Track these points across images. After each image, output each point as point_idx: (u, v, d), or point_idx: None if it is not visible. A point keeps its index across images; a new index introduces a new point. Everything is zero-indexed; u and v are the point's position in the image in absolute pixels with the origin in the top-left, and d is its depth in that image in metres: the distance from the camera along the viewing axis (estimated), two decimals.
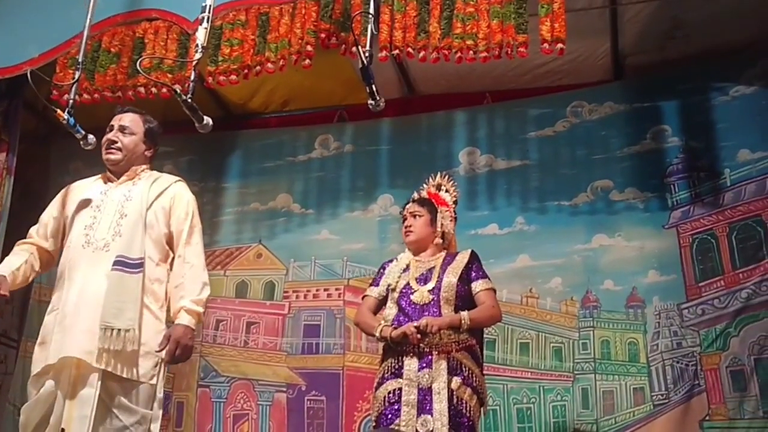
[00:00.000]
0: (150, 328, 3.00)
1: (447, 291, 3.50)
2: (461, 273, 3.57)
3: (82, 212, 3.16)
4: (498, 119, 5.58)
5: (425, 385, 3.36)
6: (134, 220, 3.09)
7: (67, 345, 2.90)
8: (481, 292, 3.56)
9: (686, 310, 4.75)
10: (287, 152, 5.91)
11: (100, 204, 3.16)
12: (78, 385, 2.87)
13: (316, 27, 4.07)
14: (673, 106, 5.16)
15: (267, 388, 5.38)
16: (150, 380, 2.97)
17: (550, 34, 3.71)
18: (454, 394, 3.34)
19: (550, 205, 5.23)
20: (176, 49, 4.35)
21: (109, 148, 3.25)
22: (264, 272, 5.66)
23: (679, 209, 4.96)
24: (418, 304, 3.52)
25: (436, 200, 3.80)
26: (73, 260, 3.07)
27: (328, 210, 5.70)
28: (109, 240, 3.05)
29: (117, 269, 2.97)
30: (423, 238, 3.70)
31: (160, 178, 3.29)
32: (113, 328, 2.88)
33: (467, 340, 3.45)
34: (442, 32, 3.91)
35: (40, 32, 4.63)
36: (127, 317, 2.91)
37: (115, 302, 2.92)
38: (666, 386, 4.69)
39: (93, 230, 3.09)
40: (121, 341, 2.87)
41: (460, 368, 3.40)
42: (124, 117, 3.31)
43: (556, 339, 4.99)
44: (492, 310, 3.55)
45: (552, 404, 4.89)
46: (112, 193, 3.20)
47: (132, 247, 3.03)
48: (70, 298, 2.99)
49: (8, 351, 5.72)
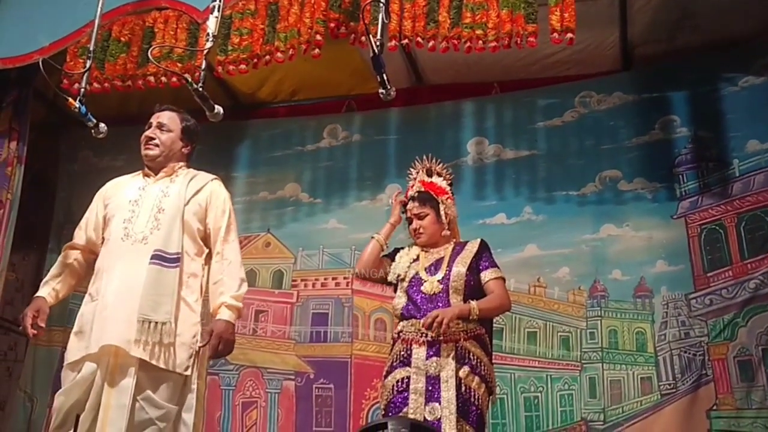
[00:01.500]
0: (186, 320, 3.07)
1: (456, 281, 3.50)
2: (470, 263, 3.56)
3: (120, 207, 3.22)
4: (506, 109, 5.58)
5: (433, 374, 3.37)
6: (172, 216, 3.15)
7: (107, 334, 2.95)
8: (491, 281, 3.54)
9: (694, 300, 4.76)
10: (296, 142, 5.93)
11: (139, 198, 3.22)
12: (116, 374, 2.93)
13: (325, 16, 4.08)
14: (682, 97, 5.14)
15: (275, 376, 5.42)
16: (185, 371, 3.03)
17: (560, 23, 3.72)
18: (463, 382, 3.33)
19: (558, 195, 5.23)
20: (186, 38, 4.37)
21: (147, 143, 3.31)
22: (272, 261, 5.69)
23: (688, 199, 4.96)
24: (428, 294, 3.51)
25: (434, 190, 3.72)
26: (112, 252, 3.14)
27: (337, 199, 5.72)
28: (147, 233, 3.12)
29: (155, 263, 3.04)
30: (434, 235, 3.68)
31: (197, 176, 3.35)
32: (151, 321, 2.94)
33: (476, 329, 3.45)
34: (451, 22, 3.91)
35: (50, 21, 4.64)
36: (164, 310, 2.98)
37: (152, 295, 2.99)
38: (673, 376, 4.70)
39: (132, 224, 3.15)
40: (158, 333, 2.94)
41: (469, 357, 3.39)
42: (162, 115, 3.36)
43: (563, 328, 5.01)
44: (501, 299, 3.53)
45: (559, 393, 4.91)
46: (150, 188, 3.26)
47: (169, 242, 3.10)
48: (110, 289, 3.04)
49: (18, 339, 5.75)
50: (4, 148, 4.90)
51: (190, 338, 3.06)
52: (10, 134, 4.96)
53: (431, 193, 3.71)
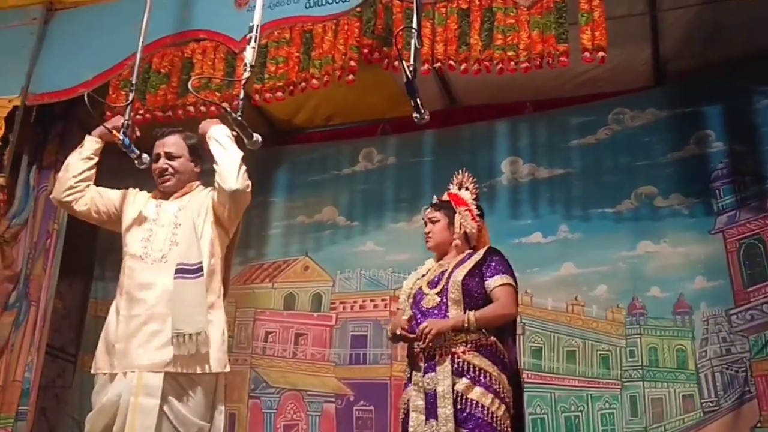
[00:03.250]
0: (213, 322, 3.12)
1: (454, 292, 3.41)
2: (472, 270, 3.46)
3: (138, 226, 3.28)
4: (540, 128, 5.60)
5: (431, 389, 3.31)
6: (188, 228, 3.20)
7: (131, 357, 3.02)
8: (496, 288, 3.42)
9: (735, 315, 4.70)
10: (332, 166, 6.00)
11: (156, 218, 3.28)
12: (141, 395, 2.96)
13: (358, 43, 4.15)
14: (716, 111, 5.12)
15: (316, 398, 5.46)
16: (224, 368, 3.11)
17: (591, 42, 3.74)
18: (462, 396, 3.24)
19: (594, 213, 5.22)
20: (223, 68, 4.47)
21: (162, 176, 3.36)
22: (311, 284, 5.75)
23: (725, 214, 4.91)
24: (427, 308, 3.46)
25: (456, 201, 3.72)
26: (132, 272, 3.19)
27: (373, 222, 5.77)
28: (166, 251, 3.17)
29: (179, 277, 3.08)
30: (441, 242, 3.65)
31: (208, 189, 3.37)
32: (185, 334, 2.98)
33: (479, 340, 3.34)
34: (483, 44, 3.96)
35: (93, 56, 4.81)
36: (196, 321, 3.02)
37: (183, 309, 3.03)
38: (716, 393, 4.64)
39: (150, 242, 3.21)
40: (194, 344, 2.98)
41: (468, 369, 3.29)
42: (166, 142, 3.39)
43: (602, 346, 4.98)
44: (502, 308, 3.39)
45: (600, 412, 4.87)
46: (166, 206, 3.31)
47: (189, 254, 3.13)
48: (134, 309, 3.10)
49: (66, 365, 5.87)
50: (50, 180, 5.02)
51: (220, 336, 3.13)
52: (56, 166, 5.05)
53: (450, 201, 3.73)
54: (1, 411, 4.64)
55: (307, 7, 4.40)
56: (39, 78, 4.95)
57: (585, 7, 3.80)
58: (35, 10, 5.13)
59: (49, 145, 5.15)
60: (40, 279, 4.88)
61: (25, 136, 5.02)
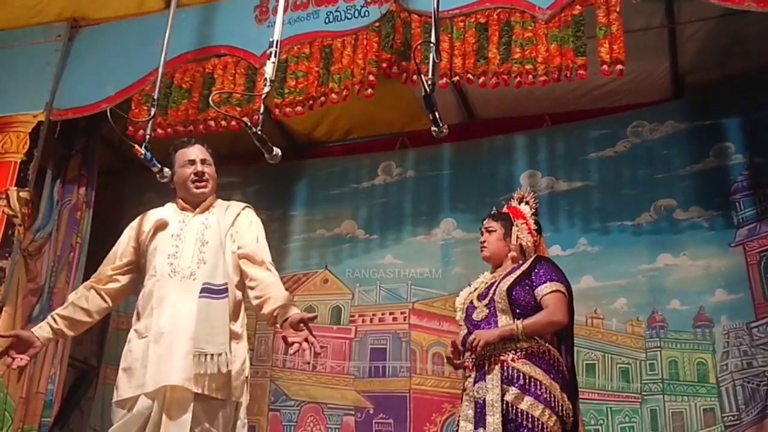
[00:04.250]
0: (235, 349, 3.08)
1: (500, 301, 3.45)
2: (519, 279, 3.49)
3: (162, 241, 3.24)
4: (558, 141, 5.60)
5: (480, 399, 3.34)
6: (215, 247, 3.17)
7: (164, 372, 2.97)
8: (546, 296, 3.44)
9: (756, 328, 4.66)
10: (351, 179, 6.04)
11: (181, 233, 3.24)
12: (173, 409, 2.94)
13: (377, 57, 4.19)
14: (736, 123, 5.10)
15: (335, 411, 5.47)
16: (240, 398, 3.08)
17: (609, 55, 3.75)
18: (511, 406, 3.25)
19: (613, 226, 5.21)
20: (244, 83, 4.52)
21: (200, 181, 3.32)
22: (331, 297, 5.77)
23: (746, 227, 4.88)
24: (477, 320, 3.52)
25: (514, 213, 3.77)
26: (161, 289, 3.14)
27: (392, 235, 5.79)
28: (194, 268, 3.14)
29: (204, 296, 3.05)
30: (496, 252, 3.71)
31: (230, 206, 3.37)
32: (206, 354, 2.96)
33: (529, 347, 3.36)
34: (501, 57, 3.97)
35: (116, 72, 4.89)
36: (219, 342, 2.99)
37: (205, 328, 3.00)
38: (737, 407, 4.60)
39: (177, 259, 3.17)
40: (215, 365, 2.95)
41: (517, 378, 3.30)
42: (197, 149, 3.37)
43: (622, 360, 4.96)
44: (551, 315, 3.40)
45: (620, 426, 4.85)
46: (191, 222, 3.27)
47: (216, 274, 3.11)
48: (162, 325, 3.05)
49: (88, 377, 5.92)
50: (73, 194, 5.09)
51: (240, 365, 3.09)
52: (79, 180, 5.15)
53: (508, 214, 3.79)
54: (25, 423, 4.68)
55: (327, 22, 4.46)
56: (63, 94, 5.03)
57: (603, 21, 3.82)
58: (60, 28, 5.21)
59: (72, 159, 5.21)
60: (64, 292, 4.91)
61: (49, 151, 5.08)
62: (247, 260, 3.21)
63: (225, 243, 3.20)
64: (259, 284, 3.15)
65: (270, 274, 3.18)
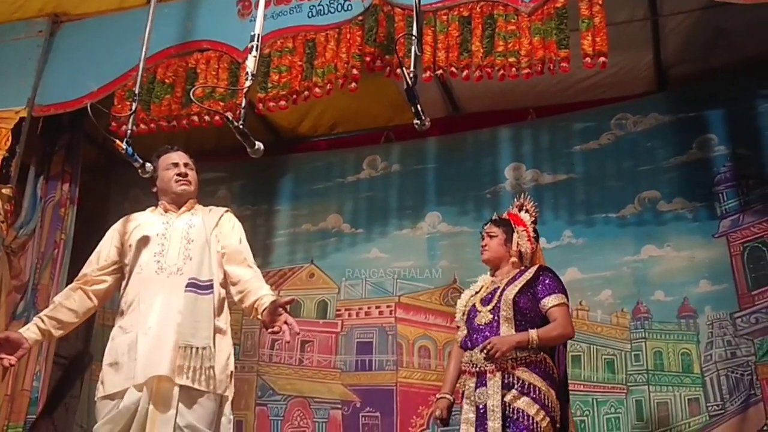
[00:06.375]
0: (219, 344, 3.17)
1: (505, 309, 3.50)
2: (524, 288, 3.55)
3: (147, 241, 3.30)
4: (542, 134, 5.62)
5: (482, 404, 3.40)
6: (201, 245, 3.27)
7: (153, 364, 3.03)
8: (553, 308, 3.51)
9: (739, 319, 4.70)
10: (336, 174, 6.04)
11: (166, 232, 3.32)
12: (159, 402, 3.00)
13: (361, 51, 4.18)
14: (719, 115, 5.13)
15: (322, 405, 5.48)
16: (224, 392, 3.14)
17: (592, 48, 3.76)
18: (510, 405, 3.33)
19: (598, 218, 5.23)
20: (227, 77, 4.50)
21: (183, 181, 3.42)
22: (317, 291, 5.77)
23: (729, 218, 4.92)
24: (480, 325, 3.55)
25: (515, 220, 3.83)
26: (148, 286, 3.21)
27: (378, 229, 5.79)
28: (180, 264, 3.22)
29: (190, 291, 3.15)
30: (496, 256, 3.74)
31: (212, 209, 3.48)
32: (192, 347, 3.05)
33: (528, 356, 3.42)
34: (484, 51, 3.97)
35: (98, 67, 4.86)
36: (203, 336, 3.09)
37: (191, 322, 3.10)
38: (721, 397, 4.64)
39: (163, 257, 3.25)
40: (199, 358, 3.04)
41: (516, 383, 3.38)
42: (181, 155, 3.50)
43: (607, 351, 4.99)
44: (562, 328, 3.49)
45: (606, 416, 4.87)
46: (175, 222, 3.36)
47: (201, 270, 3.21)
48: (150, 320, 3.12)
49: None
50: (57, 190, 5.07)
51: (225, 360, 3.17)
52: (63, 176, 5.13)
53: (509, 220, 3.83)
54: (11, 420, 4.67)
55: (310, 16, 4.44)
56: (45, 89, 5.00)
57: (585, 13, 3.82)
58: (41, 23, 5.17)
59: (55, 156, 5.19)
60: (48, 289, 4.91)
61: (31, 147, 5.06)
62: (231, 259, 3.31)
63: (210, 241, 3.30)
64: (240, 280, 3.26)
65: (251, 271, 3.29)
